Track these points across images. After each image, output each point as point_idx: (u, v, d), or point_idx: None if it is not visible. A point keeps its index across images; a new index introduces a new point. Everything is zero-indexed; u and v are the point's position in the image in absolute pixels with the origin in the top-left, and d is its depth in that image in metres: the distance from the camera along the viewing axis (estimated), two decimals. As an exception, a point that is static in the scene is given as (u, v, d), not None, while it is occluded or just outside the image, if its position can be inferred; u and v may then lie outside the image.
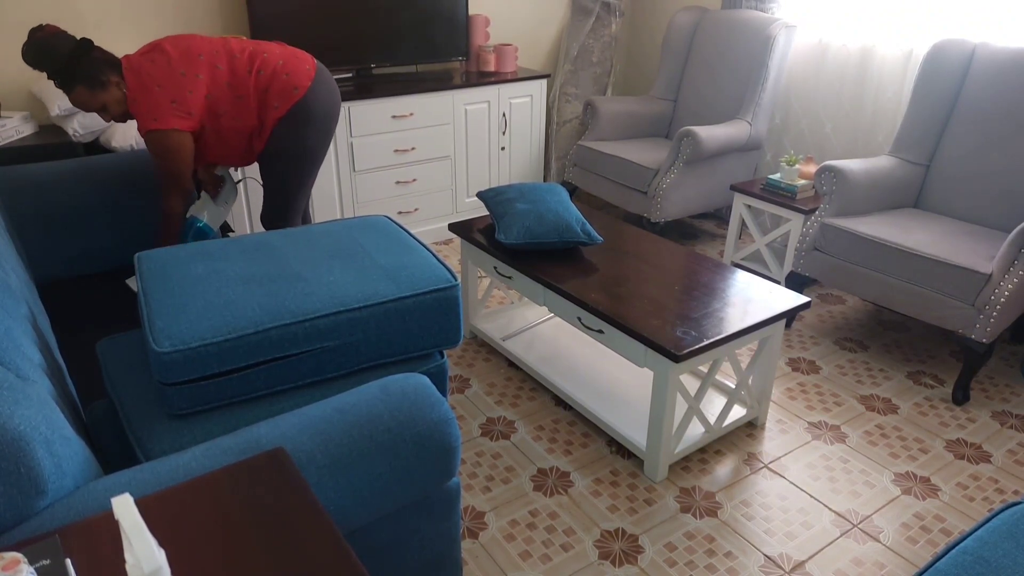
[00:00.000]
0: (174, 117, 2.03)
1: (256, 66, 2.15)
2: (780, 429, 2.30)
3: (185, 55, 2.07)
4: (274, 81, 2.16)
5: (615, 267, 2.29)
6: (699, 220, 4.06)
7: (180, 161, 2.09)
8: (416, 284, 1.57)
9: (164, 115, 2.02)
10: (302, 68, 2.20)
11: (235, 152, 2.26)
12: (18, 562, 0.71)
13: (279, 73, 2.17)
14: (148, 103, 2.01)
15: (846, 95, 3.32)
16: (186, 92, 2.04)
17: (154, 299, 1.43)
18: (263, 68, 2.15)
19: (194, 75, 2.06)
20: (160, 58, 2.04)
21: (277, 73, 2.16)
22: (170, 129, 2.03)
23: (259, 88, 2.15)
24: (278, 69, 2.17)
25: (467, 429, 2.28)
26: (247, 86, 2.14)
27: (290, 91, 2.17)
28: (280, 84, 2.16)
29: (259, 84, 2.15)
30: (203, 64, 2.08)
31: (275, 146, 2.23)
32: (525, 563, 1.79)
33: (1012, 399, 2.46)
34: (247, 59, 2.15)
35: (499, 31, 4.01)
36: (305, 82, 2.19)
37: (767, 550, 1.83)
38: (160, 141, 2.04)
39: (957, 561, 1.10)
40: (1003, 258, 2.24)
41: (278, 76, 2.16)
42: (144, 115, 2.02)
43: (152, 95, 2.01)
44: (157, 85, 2.02)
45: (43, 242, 2.11)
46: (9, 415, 0.88)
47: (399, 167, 3.44)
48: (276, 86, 2.16)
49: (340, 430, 1.14)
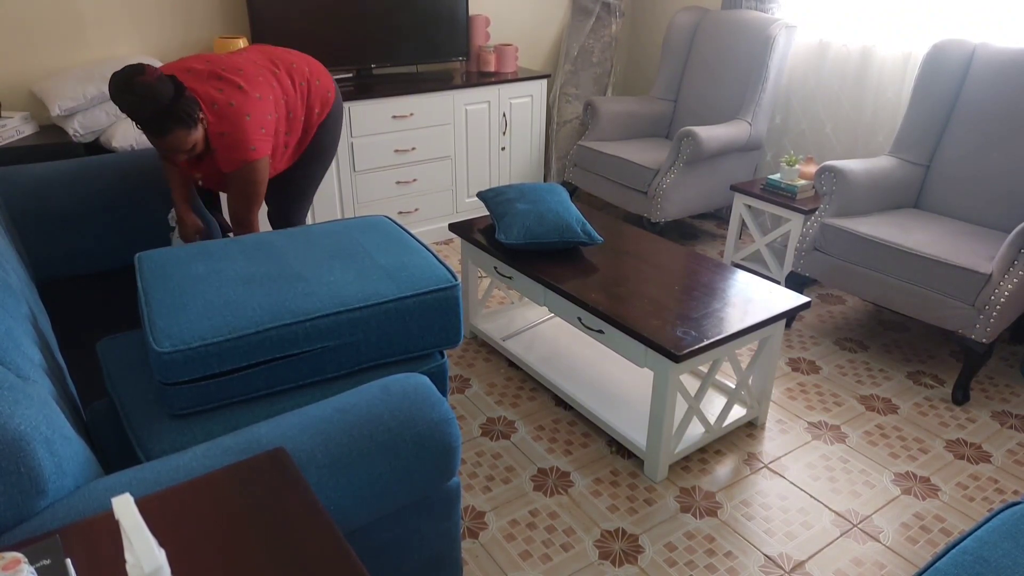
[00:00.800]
0: (265, 143, 1.99)
1: (296, 79, 2.17)
2: (780, 429, 2.30)
3: (252, 81, 2.00)
4: (311, 89, 2.20)
5: (615, 267, 2.29)
6: (699, 220, 4.06)
7: (265, 183, 2.07)
8: (416, 284, 1.57)
9: (260, 143, 1.98)
10: (320, 70, 2.26)
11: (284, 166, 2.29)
12: (19, 562, 0.71)
13: (312, 80, 2.20)
14: (241, 135, 1.94)
15: (846, 95, 3.32)
16: (267, 116, 2.01)
17: (155, 299, 1.43)
18: (302, 80, 2.18)
19: (268, 97, 2.03)
20: (229, 88, 1.95)
21: (311, 80, 2.20)
22: (264, 156, 2.00)
23: (303, 98, 2.18)
24: (309, 76, 2.20)
25: (467, 429, 2.28)
26: (294, 100, 2.15)
27: (325, 95, 2.23)
28: (316, 90, 2.21)
29: (302, 96, 2.17)
30: (265, 85, 2.04)
31: (315, 148, 2.29)
32: (525, 563, 1.79)
33: (1012, 399, 2.46)
34: (287, 74, 2.15)
35: (499, 31, 4.01)
36: (331, 84, 2.27)
37: (767, 550, 1.83)
38: (255, 170, 2.00)
39: (957, 561, 1.10)
40: (1003, 258, 2.24)
41: (312, 83, 2.20)
42: (239, 147, 1.94)
43: (242, 125, 1.94)
44: (246, 115, 1.95)
45: (43, 242, 2.11)
46: (9, 415, 0.88)
47: (399, 167, 3.44)
48: (314, 93, 2.20)
49: (340, 430, 1.15)
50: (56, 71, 2.88)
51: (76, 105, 2.61)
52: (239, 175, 2.01)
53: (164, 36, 3.08)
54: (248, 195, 2.07)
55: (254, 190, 2.06)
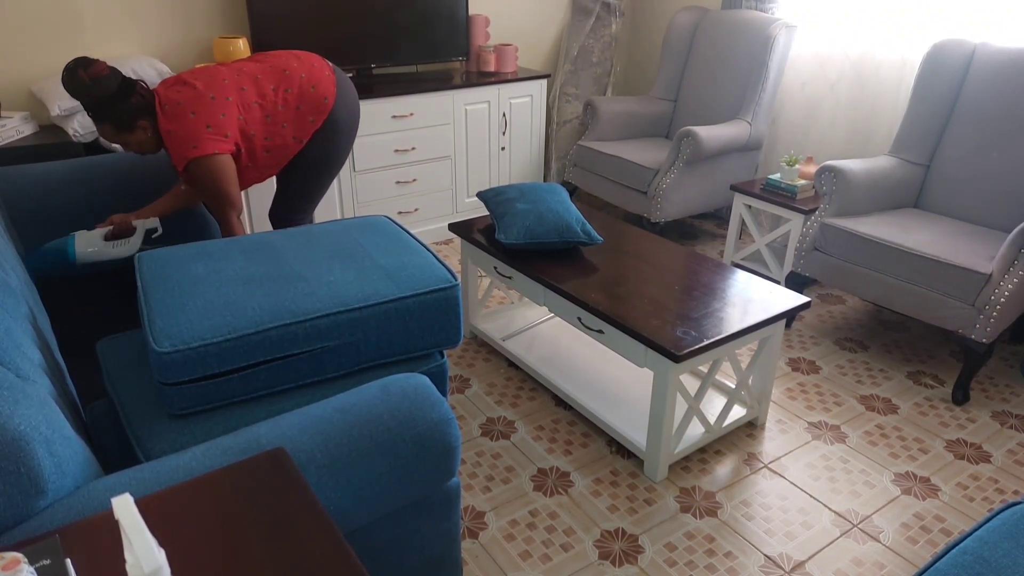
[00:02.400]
0: (211, 141, 2.01)
1: (282, 85, 2.16)
2: (780, 429, 2.30)
3: (210, 82, 2.06)
4: (303, 96, 2.18)
5: (615, 267, 2.29)
6: (699, 220, 4.06)
7: (226, 182, 2.07)
8: (416, 284, 1.57)
9: (202, 141, 2.00)
10: (323, 76, 2.23)
11: (269, 172, 2.28)
12: (18, 562, 0.71)
13: (305, 87, 2.18)
14: (183, 132, 1.99)
15: (846, 95, 3.32)
16: (219, 116, 2.03)
17: (154, 299, 1.43)
18: (289, 86, 2.17)
19: (224, 98, 2.05)
20: (186, 88, 2.03)
21: (304, 87, 2.18)
22: (211, 154, 2.01)
23: (289, 106, 2.17)
24: (303, 83, 2.18)
25: (467, 429, 2.28)
26: (275, 106, 2.14)
27: (320, 102, 2.20)
28: (309, 98, 2.19)
29: (288, 102, 2.16)
30: (229, 87, 2.08)
31: (309, 155, 2.27)
32: (525, 563, 1.79)
33: (1012, 399, 2.46)
34: (270, 79, 2.15)
35: (499, 31, 4.01)
36: (331, 89, 2.23)
37: (767, 550, 1.83)
38: (203, 167, 2.02)
39: (957, 561, 1.10)
40: (1003, 258, 2.24)
41: (305, 90, 2.18)
42: (182, 145, 1.99)
43: (186, 123, 1.99)
44: (191, 112, 2.00)
45: (43, 242, 2.11)
46: (9, 415, 0.88)
47: (399, 167, 3.44)
48: (307, 101, 2.19)
49: (340, 430, 1.14)
50: (56, 71, 2.88)
51: (76, 105, 2.61)
52: (192, 173, 2.04)
53: (164, 36, 3.08)
54: (211, 194, 2.07)
55: (214, 189, 2.06)
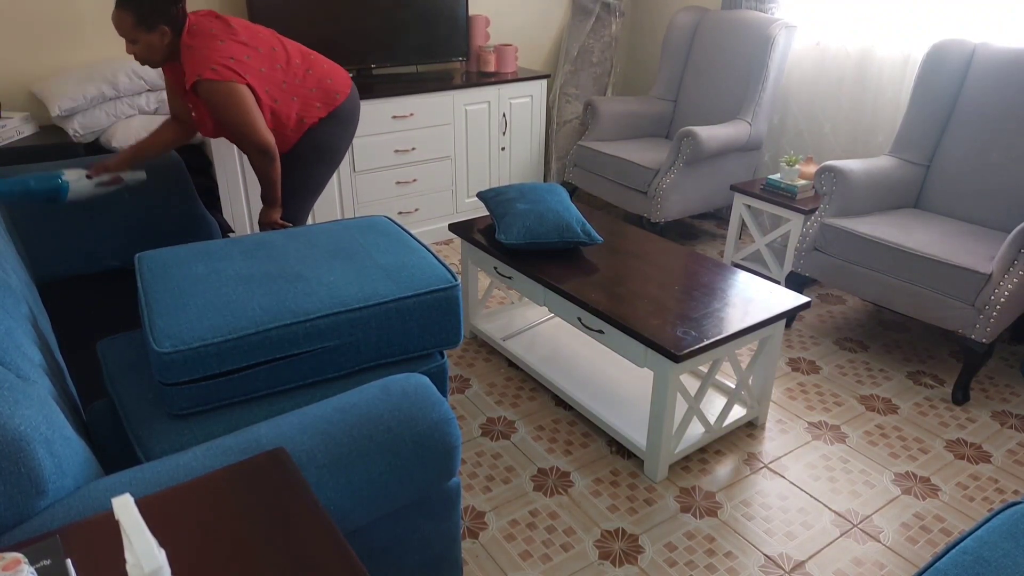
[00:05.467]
0: (231, 72, 2.03)
1: (308, 65, 2.28)
2: (780, 429, 2.30)
3: (247, 28, 2.15)
4: (321, 84, 2.30)
5: (615, 267, 2.29)
6: (699, 220, 4.06)
7: (245, 111, 2.07)
8: (416, 284, 1.57)
9: (221, 67, 2.02)
10: (342, 75, 2.38)
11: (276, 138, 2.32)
12: (19, 562, 0.71)
13: (325, 78, 2.31)
14: (206, 52, 2.01)
15: (846, 95, 3.32)
16: (243, 56, 2.08)
17: (154, 299, 1.43)
18: (313, 69, 2.29)
19: (253, 47, 2.12)
20: (220, 21, 2.10)
21: (324, 77, 2.31)
22: (227, 80, 2.03)
23: (307, 86, 2.27)
24: (324, 74, 2.32)
25: (467, 429, 2.28)
26: (295, 76, 2.23)
27: (333, 95, 2.32)
28: (325, 88, 2.31)
29: (307, 82, 2.27)
30: (262, 40, 2.17)
31: (311, 142, 2.34)
32: (525, 563, 1.79)
33: (1012, 399, 2.46)
34: (301, 57, 2.27)
35: (499, 31, 4.01)
36: (345, 89, 2.36)
37: (767, 550, 1.83)
38: (215, 91, 2.03)
39: (957, 561, 1.10)
40: (1003, 258, 2.24)
41: (324, 80, 2.31)
42: (200, 63, 2.00)
43: (211, 44, 2.03)
44: (219, 40, 2.05)
45: (43, 242, 2.11)
46: (9, 415, 0.88)
47: (399, 167, 3.44)
48: (322, 88, 2.30)
49: (340, 430, 1.15)
50: (56, 71, 2.88)
51: (76, 105, 2.61)
52: (206, 97, 2.04)
53: (164, 36, 3.08)
54: (230, 123, 2.07)
55: (232, 116, 2.06)
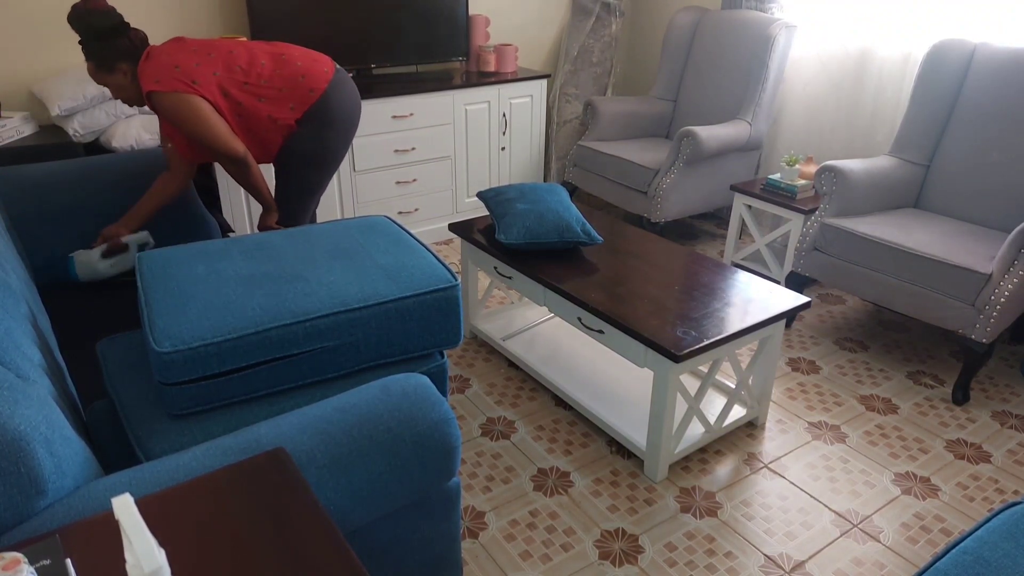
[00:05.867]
0: (176, 81, 2.04)
1: (272, 64, 2.18)
2: (780, 429, 2.30)
3: (202, 42, 2.15)
4: (291, 82, 2.19)
5: (615, 267, 2.29)
6: (699, 220, 4.06)
7: (202, 121, 2.06)
8: (416, 284, 1.57)
9: (166, 78, 2.03)
10: (319, 70, 2.23)
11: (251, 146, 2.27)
12: (18, 562, 0.71)
13: (296, 75, 2.20)
14: (152, 68, 2.04)
15: (846, 95, 3.32)
16: (191, 64, 2.07)
17: (154, 299, 1.43)
18: (280, 69, 2.19)
19: (206, 54, 2.11)
20: (175, 42, 2.12)
21: (295, 75, 2.19)
22: (171, 91, 2.03)
23: (274, 85, 2.18)
24: (296, 71, 2.20)
25: (467, 429, 2.28)
26: (259, 77, 2.16)
27: (306, 93, 2.20)
28: (296, 86, 2.19)
29: (274, 82, 2.17)
30: (217, 47, 2.15)
31: (294, 147, 2.25)
32: (525, 563, 1.79)
33: (1012, 399, 2.46)
34: (266, 56, 2.19)
35: (499, 31, 4.01)
36: (321, 84, 2.22)
37: (767, 550, 1.83)
38: (164, 104, 2.04)
39: (957, 561, 1.10)
40: (1003, 258, 2.24)
41: (295, 78, 2.19)
42: (146, 79, 2.03)
43: (158, 60, 2.05)
44: (165, 54, 2.06)
45: (43, 242, 2.11)
46: (9, 415, 0.88)
47: (399, 167, 3.44)
48: (293, 88, 2.19)
49: (340, 430, 1.14)
50: (56, 71, 2.88)
51: (76, 105, 2.61)
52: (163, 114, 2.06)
53: (163, 36, 3.08)
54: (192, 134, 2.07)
55: (191, 129, 2.06)
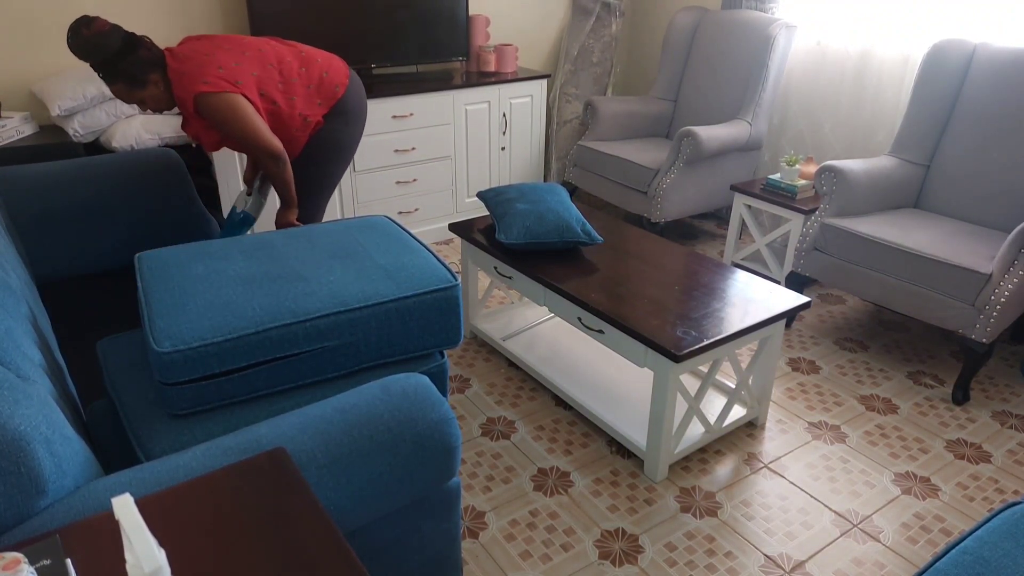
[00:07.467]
0: (223, 81, 2.03)
1: (299, 62, 2.23)
2: (780, 429, 2.29)
3: (230, 39, 2.15)
4: (318, 80, 2.25)
5: (615, 267, 2.29)
6: (699, 220, 4.06)
7: (247, 121, 2.06)
8: (416, 284, 1.57)
9: (213, 79, 2.02)
10: (338, 67, 2.30)
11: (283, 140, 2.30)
12: (19, 562, 0.71)
13: (320, 71, 2.26)
14: (194, 70, 2.01)
15: (846, 95, 3.32)
16: (231, 63, 2.07)
17: (154, 299, 1.43)
18: (305, 65, 2.23)
19: (240, 52, 2.11)
20: (203, 39, 2.11)
21: (319, 71, 2.25)
22: (221, 91, 2.02)
23: (302, 82, 2.22)
24: (319, 69, 2.26)
25: (467, 429, 2.28)
26: (291, 75, 2.20)
27: (332, 89, 2.26)
28: (323, 82, 2.25)
29: (303, 80, 2.22)
30: (248, 44, 2.15)
31: (319, 143, 2.30)
32: (525, 563, 1.79)
33: (1012, 399, 2.46)
34: (291, 54, 2.23)
35: (499, 31, 4.01)
36: (344, 80, 2.29)
37: (767, 550, 1.83)
38: (213, 105, 2.03)
39: (957, 561, 1.10)
40: (1003, 258, 2.24)
41: (320, 76, 2.25)
42: (192, 82, 2.01)
43: (200, 61, 2.03)
44: (204, 54, 2.05)
45: (43, 242, 2.11)
46: (9, 415, 0.88)
47: (399, 167, 3.44)
48: (320, 84, 2.25)
49: (340, 430, 1.14)
50: (56, 71, 2.88)
51: (76, 105, 2.61)
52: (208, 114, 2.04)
53: (163, 35, 3.08)
54: (237, 136, 2.07)
55: (237, 129, 2.05)
